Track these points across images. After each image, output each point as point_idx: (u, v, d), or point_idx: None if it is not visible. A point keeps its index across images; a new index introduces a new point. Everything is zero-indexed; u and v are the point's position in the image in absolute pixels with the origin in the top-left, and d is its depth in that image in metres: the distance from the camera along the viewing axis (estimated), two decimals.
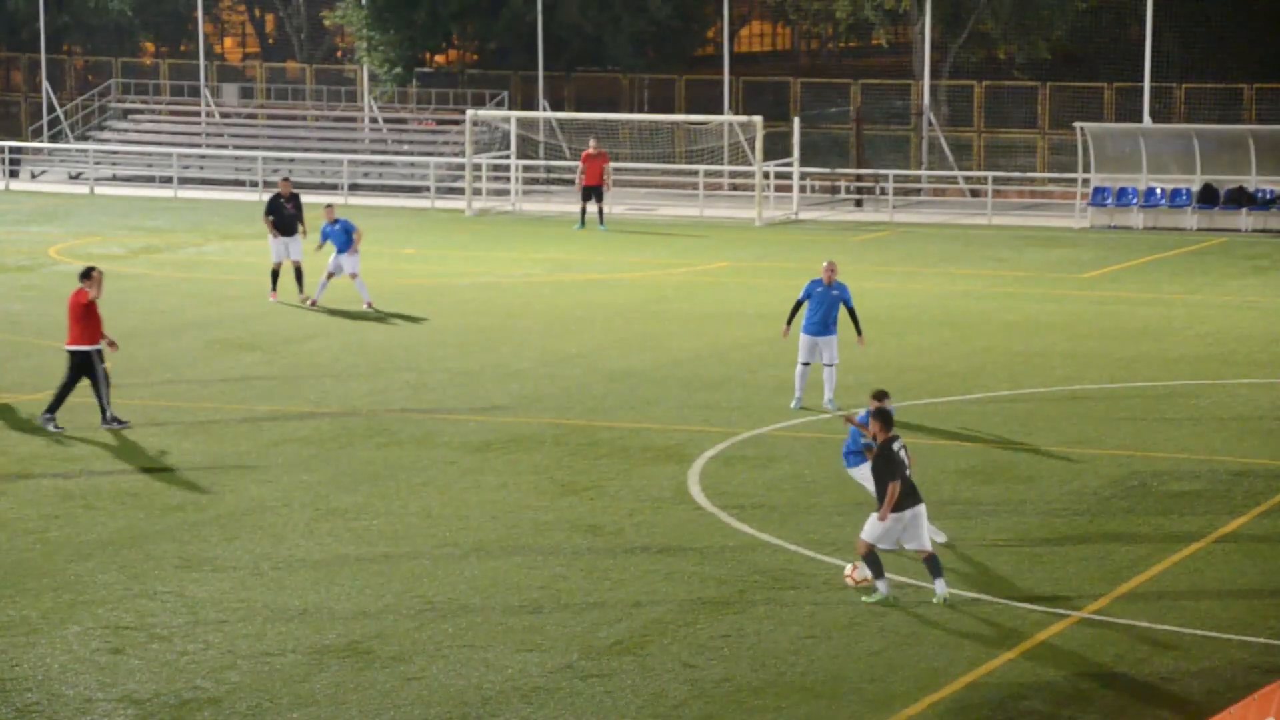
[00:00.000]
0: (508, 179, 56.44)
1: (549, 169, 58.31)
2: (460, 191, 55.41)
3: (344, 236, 35.10)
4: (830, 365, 26.41)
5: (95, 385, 24.83)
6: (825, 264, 26.69)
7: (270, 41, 77.12)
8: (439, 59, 69.91)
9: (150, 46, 74.59)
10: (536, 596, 18.06)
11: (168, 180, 59.29)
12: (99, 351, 24.91)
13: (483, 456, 23.74)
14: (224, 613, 17.45)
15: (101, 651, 16.36)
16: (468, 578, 18.65)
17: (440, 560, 19.23)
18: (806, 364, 26.54)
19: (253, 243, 46.15)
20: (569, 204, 52.79)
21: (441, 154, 59.51)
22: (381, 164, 60.21)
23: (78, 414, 25.16)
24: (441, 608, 17.68)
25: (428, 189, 56.79)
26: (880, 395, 18.61)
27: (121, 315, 33.81)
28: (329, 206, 35.97)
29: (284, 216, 36.19)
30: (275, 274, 36.14)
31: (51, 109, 66.65)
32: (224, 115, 65.49)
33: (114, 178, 61.28)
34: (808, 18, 66.29)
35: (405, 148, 61.37)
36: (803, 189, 54.22)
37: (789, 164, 53.17)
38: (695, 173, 55.05)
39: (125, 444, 24.27)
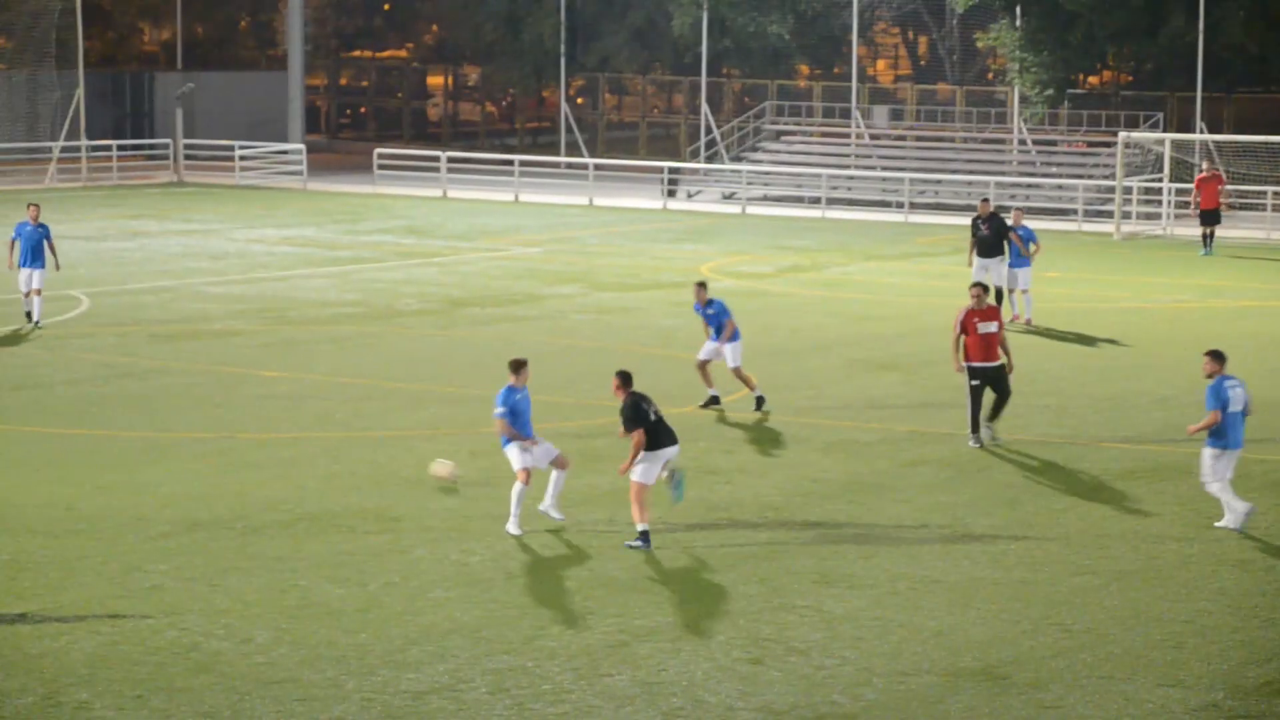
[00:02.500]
0: (1159, 202, 55.21)
1: None
2: (1109, 215, 54.50)
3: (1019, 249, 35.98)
4: None
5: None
6: None
7: (922, 64, 77.54)
8: (1092, 80, 68.96)
9: (804, 69, 75.98)
10: (1179, 630, 17.54)
11: (816, 200, 60.23)
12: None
13: (1125, 484, 23.24)
14: (860, 629, 17.54)
15: (742, 661, 16.66)
16: (1107, 607, 18.26)
17: (1079, 588, 18.89)
18: None
19: (896, 263, 46.45)
20: (1224, 229, 51.15)
21: (1091, 176, 58.69)
22: (1029, 186, 59.75)
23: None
24: (1079, 636, 17.36)
25: (1075, 212, 56.08)
26: None
27: (766, 333, 34.48)
28: (1017, 211, 36.61)
29: (981, 238, 36.36)
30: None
31: (709, 130, 68.60)
32: (873, 137, 66.15)
33: (764, 198, 62.62)
34: None
35: (1054, 170, 60.77)
36: None
37: None
38: None
39: (767, 460, 24.67)
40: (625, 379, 20.64)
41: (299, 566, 19.29)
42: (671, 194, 63.45)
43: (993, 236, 36.14)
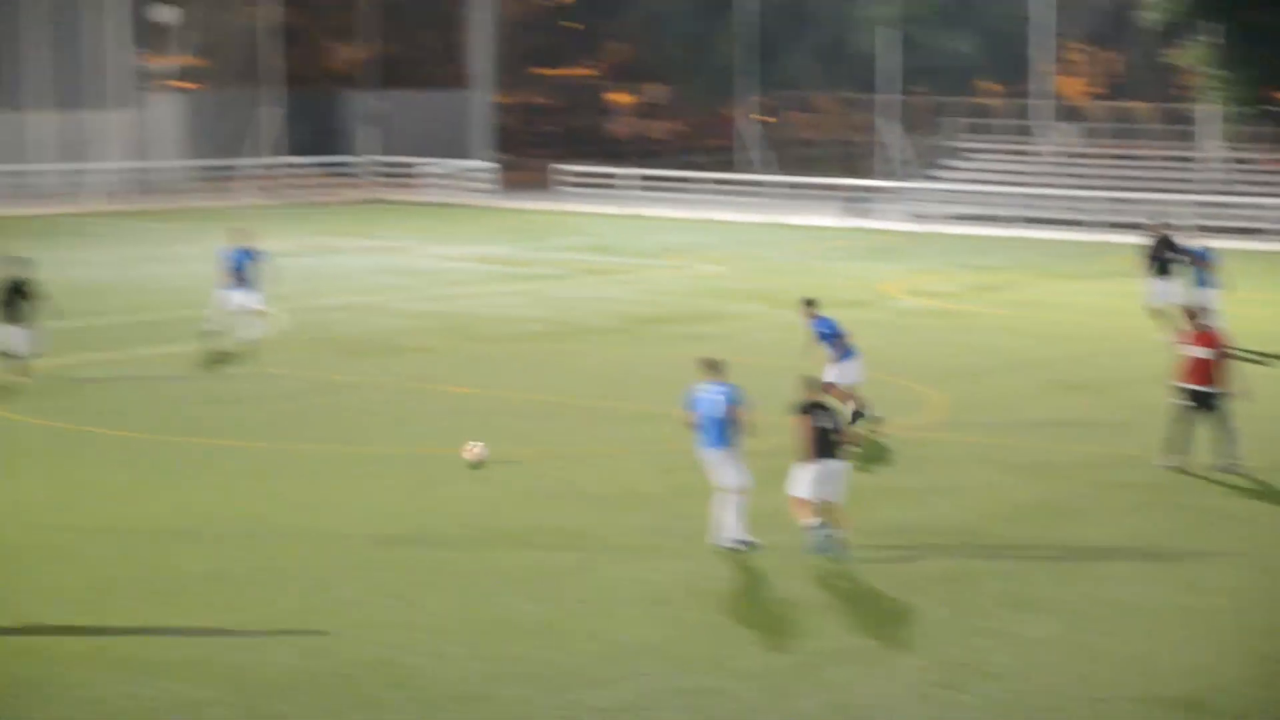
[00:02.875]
0: None
1: None
2: None
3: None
4: None
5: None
6: None
7: (1112, 80, 76.72)
8: None
9: (993, 86, 75.44)
10: None
11: (1004, 219, 59.72)
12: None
13: None
14: (1054, 654, 17.33)
15: (935, 686, 16.52)
16: None
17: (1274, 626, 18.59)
18: None
19: (1085, 283, 45.99)
20: None
21: None
22: (1223, 205, 58.84)
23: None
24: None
25: (1272, 232, 55.15)
26: None
27: (955, 353, 34.26)
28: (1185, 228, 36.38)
29: (1151, 259, 36.08)
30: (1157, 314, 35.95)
31: (895, 148, 68.32)
32: (1063, 154, 65.51)
33: (951, 216, 62.22)
34: None
35: (1249, 188, 59.81)
36: None
37: None
38: None
39: (958, 481, 24.48)
40: (811, 387, 20.86)
41: (490, 582, 19.42)
42: (855, 212, 63.23)
43: (1160, 256, 35.87)
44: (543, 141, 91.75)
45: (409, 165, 70.29)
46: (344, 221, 59.61)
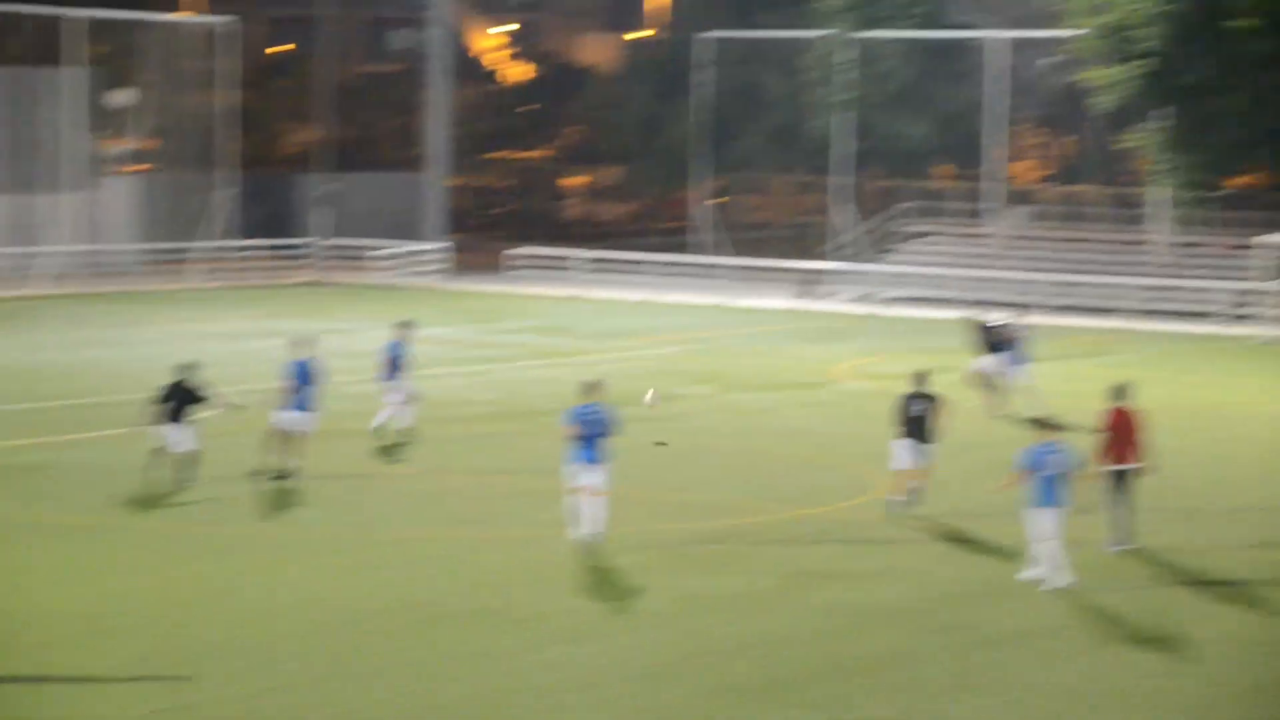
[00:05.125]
0: None
1: None
2: (1252, 318, 53.93)
3: None
4: None
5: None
6: None
7: (1062, 164, 77.25)
8: (1235, 182, 68.43)
9: (944, 169, 75.93)
10: None
11: (955, 301, 59.97)
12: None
13: (1265, 591, 22.91)
14: None
15: None
16: (1236, 718, 18.02)
17: (1212, 699, 18.62)
18: None
19: (1033, 365, 46.13)
20: None
21: (1232, 279, 58.15)
22: (1170, 289, 59.25)
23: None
24: None
25: (1217, 315, 55.55)
26: None
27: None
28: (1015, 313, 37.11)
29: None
30: None
31: (845, 230, 68.66)
32: (1013, 237, 65.91)
33: (901, 298, 62.48)
34: None
35: (1196, 272, 60.26)
36: None
37: None
38: None
39: (892, 567, 24.54)
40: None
41: (431, 664, 19.35)
42: (807, 294, 63.46)
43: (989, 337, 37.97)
44: (496, 224, 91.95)
45: (361, 248, 70.35)
46: (294, 304, 59.57)
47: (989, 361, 37.74)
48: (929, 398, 27.62)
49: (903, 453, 27.06)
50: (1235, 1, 57.51)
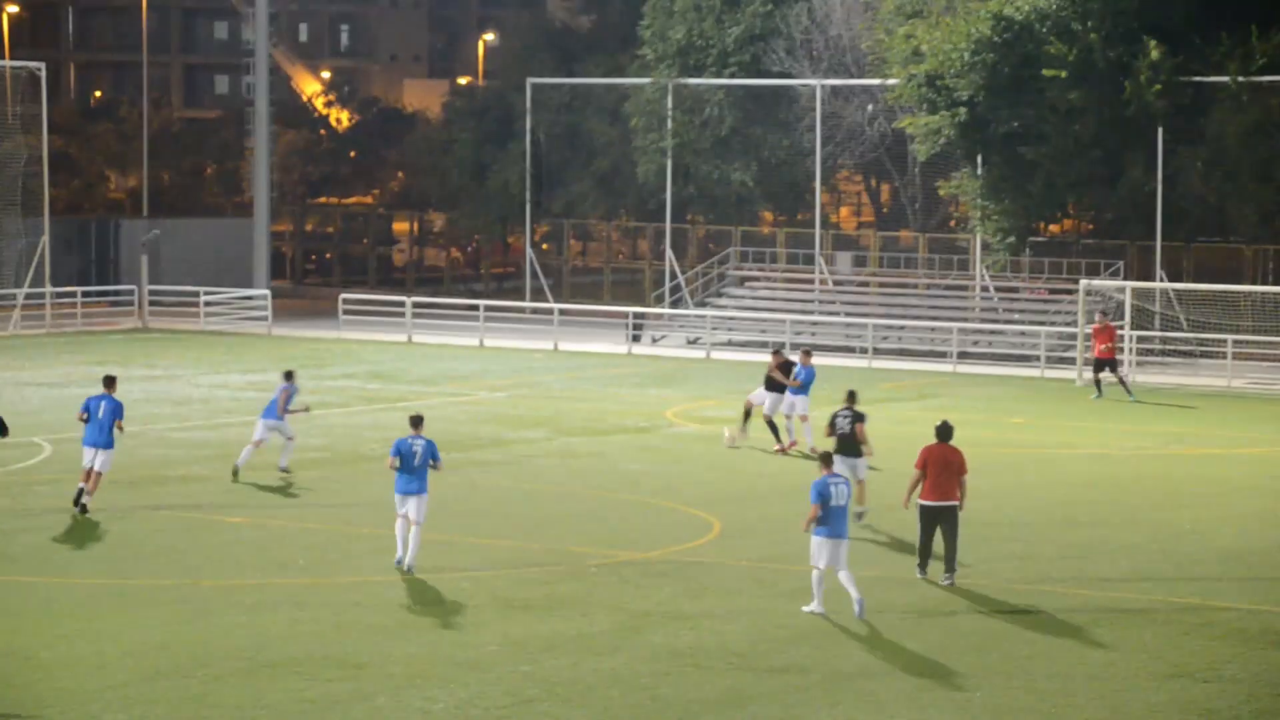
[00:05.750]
0: (1120, 350, 55.52)
1: (1164, 340, 57.14)
2: (1071, 361, 54.81)
3: None
4: None
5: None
6: None
7: (884, 210, 78.20)
8: (1053, 228, 69.57)
9: (769, 215, 76.52)
10: None
11: (779, 345, 60.35)
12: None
13: (1089, 632, 23.21)
14: None
15: None
16: None
17: None
18: None
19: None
20: (1185, 377, 51.85)
21: (1053, 323, 59.09)
22: (991, 333, 60.13)
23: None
24: None
25: (1038, 358, 56.40)
26: None
27: (730, 479, 34.49)
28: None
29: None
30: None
31: (674, 276, 68.99)
32: (837, 282, 66.56)
33: (729, 343, 62.86)
34: None
35: (1016, 316, 61.19)
36: None
37: None
38: None
39: (722, 610, 24.62)
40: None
41: (263, 715, 19.13)
42: (636, 339, 63.65)
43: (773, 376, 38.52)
44: (323, 270, 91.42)
45: (185, 294, 69.59)
46: (114, 350, 58.77)
47: (764, 395, 38.50)
48: (858, 415, 30.01)
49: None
50: (1047, 52, 58.58)
